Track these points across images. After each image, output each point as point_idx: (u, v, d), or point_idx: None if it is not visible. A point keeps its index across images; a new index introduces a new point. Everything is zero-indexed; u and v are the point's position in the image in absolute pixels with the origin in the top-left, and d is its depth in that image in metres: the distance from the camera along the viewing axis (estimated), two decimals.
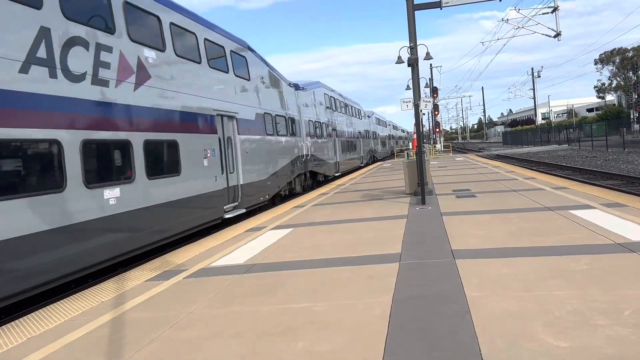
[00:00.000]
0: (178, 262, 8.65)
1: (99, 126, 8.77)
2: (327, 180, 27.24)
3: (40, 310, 6.53)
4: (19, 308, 7.64)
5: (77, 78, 8.31)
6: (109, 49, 9.20)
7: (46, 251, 7.41)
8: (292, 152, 20.47)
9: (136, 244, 9.61)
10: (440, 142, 61.31)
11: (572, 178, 20.53)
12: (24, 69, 7.26)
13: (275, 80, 19.44)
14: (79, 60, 8.38)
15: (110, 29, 9.39)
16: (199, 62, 12.86)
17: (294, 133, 21.21)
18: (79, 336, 5.28)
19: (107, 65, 9.10)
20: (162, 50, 11.15)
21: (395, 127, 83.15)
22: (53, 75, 7.78)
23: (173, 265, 8.43)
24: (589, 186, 15.37)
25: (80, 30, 8.49)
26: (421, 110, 14.48)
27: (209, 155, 12.54)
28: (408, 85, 26.89)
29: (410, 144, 61.86)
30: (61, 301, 6.92)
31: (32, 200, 7.17)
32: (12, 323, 6.07)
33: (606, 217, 8.94)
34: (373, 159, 50.13)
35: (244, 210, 14.38)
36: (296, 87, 23.10)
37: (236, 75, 15.11)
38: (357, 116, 42.23)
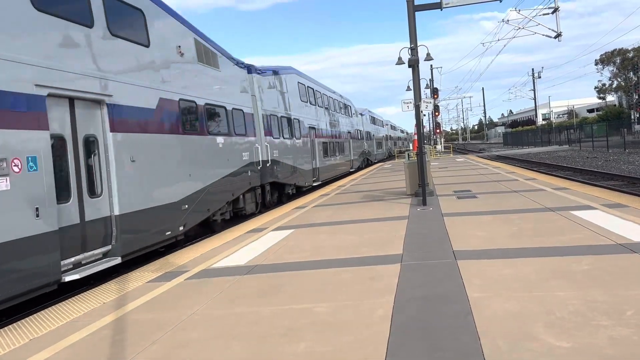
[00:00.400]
0: (179, 263, 8.66)
1: None
2: (301, 192, 21.96)
3: (42, 312, 6.53)
4: (21, 309, 7.65)
5: None
6: None
7: None
8: (237, 158, 14.81)
9: None
10: (441, 143, 61.29)
11: (573, 179, 20.53)
12: None
13: (208, 54, 13.67)
14: None
15: None
16: None
17: (244, 132, 15.74)
18: (81, 337, 5.28)
19: None
20: None
21: (393, 128, 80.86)
22: None
23: (174, 266, 8.44)
24: (590, 187, 15.38)
25: None
26: (422, 111, 14.48)
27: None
28: (408, 86, 26.94)
29: (411, 144, 61.82)
30: (63, 302, 6.93)
31: None
32: (15, 324, 6.07)
33: (607, 217, 8.94)
34: (367, 162, 44.45)
35: (115, 262, 8.74)
36: (250, 69, 17.49)
37: (113, 34, 9.43)
38: (346, 113, 36.16)
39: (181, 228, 11.14)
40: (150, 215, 9.87)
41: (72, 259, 7.88)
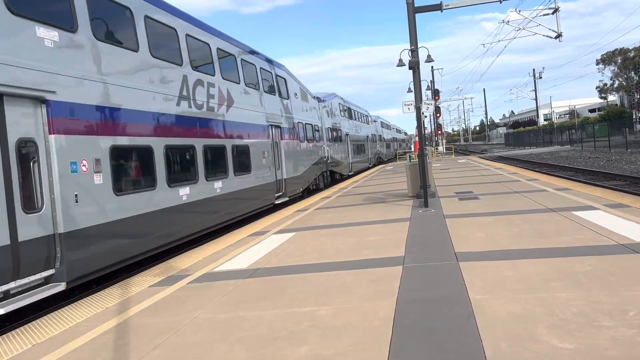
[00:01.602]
0: (182, 267, 8.66)
1: None
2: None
3: (44, 317, 6.54)
4: (23, 315, 7.65)
5: None
6: None
7: None
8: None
9: None
10: (443, 144, 61.32)
11: (575, 179, 20.50)
12: None
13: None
14: None
15: None
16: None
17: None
18: (84, 342, 5.29)
19: None
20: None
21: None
22: None
23: (177, 270, 8.44)
24: (592, 187, 15.35)
25: None
26: (423, 113, 14.48)
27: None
28: (409, 88, 26.93)
29: (412, 146, 62.01)
30: (65, 307, 6.94)
31: None
32: (17, 330, 6.08)
33: (609, 218, 8.93)
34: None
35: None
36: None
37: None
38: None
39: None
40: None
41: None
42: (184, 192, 11.30)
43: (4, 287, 6.70)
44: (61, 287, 7.59)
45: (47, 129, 7.59)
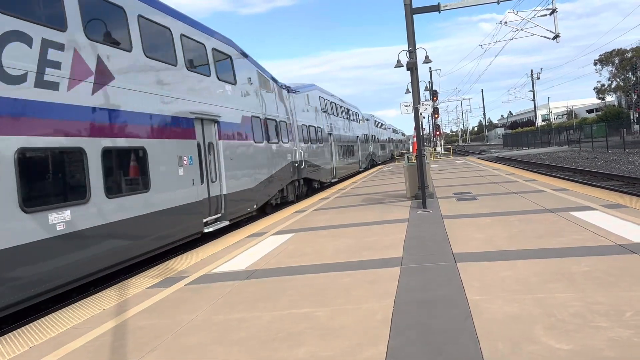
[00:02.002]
0: (179, 268, 8.65)
1: None
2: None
3: (42, 319, 6.53)
4: (21, 317, 7.64)
5: None
6: None
7: None
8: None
9: None
10: (441, 145, 61.38)
11: (573, 179, 20.53)
12: None
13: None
14: None
15: None
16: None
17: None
18: (81, 344, 5.28)
19: None
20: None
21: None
22: None
23: (174, 272, 8.44)
24: (590, 187, 15.38)
25: None
26: (421, 114, 14.49)
27: None
28: (408, 89, 26.96)
29: (411, 147, 61.99)
30: (63, 309, 6.93)
31: None
32: (14, 332, 6.07)
33: (607, 218, 8.94)
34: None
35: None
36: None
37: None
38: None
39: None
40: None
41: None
42: None
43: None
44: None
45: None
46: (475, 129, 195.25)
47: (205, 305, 6.18)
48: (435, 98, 46.08)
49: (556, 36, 21.12)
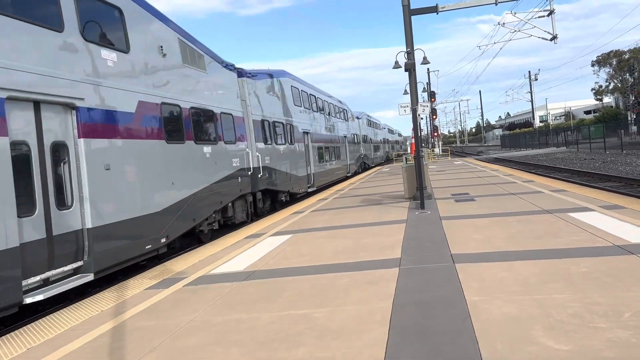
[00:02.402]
0: (178, 269, 8.64)
1: None
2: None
3: (40, 320, 6.51)
4: (19, 318, 7.63)
5: None
6: None
7: None
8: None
9: None
10: (439, 146, 61.46)
11: (571, 180, 20.57)
12: None
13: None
14: None
15: None
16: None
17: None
18: (80, 346, 5.27)
19: None
20: None
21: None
22: None
23: (173, 273, 8.43)
24: (588, 188, 15.40)
25: None
26: (419, 115, 14.51)
27: None
28: (406, 90, 26.94)
29: (409, 148, 61.94)
30: (61, 311, 6.91)
31: None
32: (12, 333, 6.05)
33: (605, 219, 8.95)
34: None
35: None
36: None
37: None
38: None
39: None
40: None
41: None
42: None
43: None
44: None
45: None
46: (473, 130, 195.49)
47: (204, 306, 6.17)
48: (433, 99, 46.09)
49: (554, 37, 21.17)
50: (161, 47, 11.34)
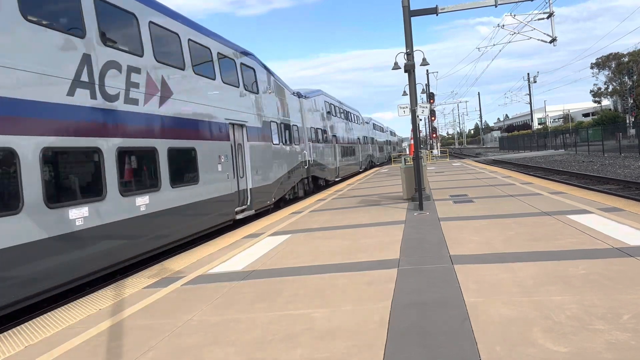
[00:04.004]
0: (176, 269, 8.63)
1: None
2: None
3: (38, 318, 6.49)
4: (17, 316, 7.61)
5: None
6: None
7: None
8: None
9: None
10: (437, 148, 61.50)
11: (569, 183, 20.59)
12: None
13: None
14: None
15: None
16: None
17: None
18: (78, 344, 5.25)
19: None
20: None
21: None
22: None
23: (171, 272, 8.41)
24: (586, 191, 15.41)
25: None
26: (418, 116, 14.51)
27: None
28: (405, 91, 26.98)
29: (407, 149, 62.14)
30: (59, 309, 6.89)
31: None
32: (10, 331, 6.03)
33: (604, 221, 8.96)
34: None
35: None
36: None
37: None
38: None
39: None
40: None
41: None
42: None
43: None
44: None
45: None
46: (472, 131, 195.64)
47: (201, 306, 6.16)
48: (432, 100, 46.14)
49: (553, 40, 21.18)
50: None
